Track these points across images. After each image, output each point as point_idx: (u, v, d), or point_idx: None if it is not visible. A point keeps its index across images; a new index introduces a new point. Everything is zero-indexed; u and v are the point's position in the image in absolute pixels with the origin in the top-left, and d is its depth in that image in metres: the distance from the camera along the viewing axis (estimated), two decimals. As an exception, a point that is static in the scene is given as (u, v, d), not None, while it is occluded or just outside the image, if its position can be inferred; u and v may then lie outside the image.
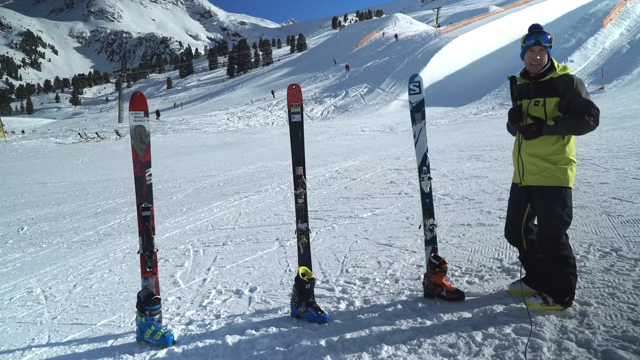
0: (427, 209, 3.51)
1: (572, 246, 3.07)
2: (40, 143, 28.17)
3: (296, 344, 2.80)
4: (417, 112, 3.55)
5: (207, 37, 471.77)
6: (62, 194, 10.60)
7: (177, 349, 2.87)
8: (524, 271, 3.20)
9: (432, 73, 41.42)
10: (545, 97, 2.86)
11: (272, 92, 53.15)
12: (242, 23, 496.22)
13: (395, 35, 65.11)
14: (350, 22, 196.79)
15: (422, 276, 3.52)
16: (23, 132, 45.65)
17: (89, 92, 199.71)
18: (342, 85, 48.55)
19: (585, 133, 2.82)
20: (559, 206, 2.85)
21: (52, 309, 3.78)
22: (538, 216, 2.99)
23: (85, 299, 3.96)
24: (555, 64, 2.92)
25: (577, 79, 2.86)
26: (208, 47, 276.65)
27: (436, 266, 3.28)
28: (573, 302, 2.94)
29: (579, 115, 2.76)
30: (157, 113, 48.64)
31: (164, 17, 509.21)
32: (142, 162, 3.12)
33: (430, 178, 3.51)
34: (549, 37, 2.88)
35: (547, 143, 2.87)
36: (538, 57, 2.89)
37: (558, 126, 2.80)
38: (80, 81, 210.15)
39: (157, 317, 2.99)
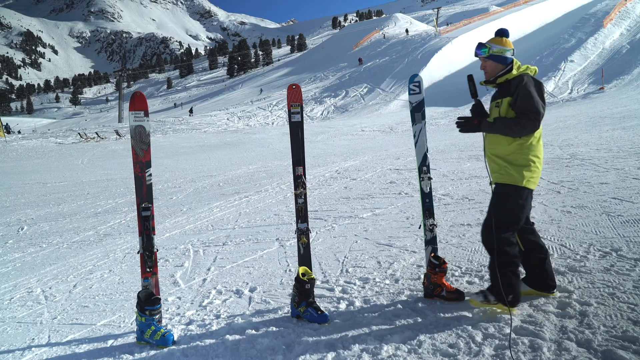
0: (427, 209, 3.51)
1: (551, 247, 3.11)
2: (40, 143, 28.16)
3: (296, 344, 2.80)
4: (417, 112, 3.56)
5: (207, 37, 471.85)
6: (62, 194, 10.60)
7: (177, 349, 2.87)
8: (523, 271, 3.19)
9: (432, 73, 41.41)
10: (502, 98, 2.93)
11: (261, 90, 55.96)
12: (242, 23, 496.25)
13: (406, 30, 66.20)
14: (350, 22, 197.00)
15: (422, 276, 3.52)
16: (19, 132, 45.19)
17: (89, 92, 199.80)
18: (342, 85, 48.55)
19: (523, 135, 2.84)
20: (506, 201, 2.90)
21: (52, 309, 3.79)
22: (488, 208, 3.03)
23: (85, 299, 3.96)
24: (515, 66, 2.95)
25: (528, 79, 2.87)
26: (208, 47, 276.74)
27: (436, 266, 3.29)
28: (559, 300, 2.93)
29: (516, 117, 2.82)
30: (190, 110, 50.42)
31: (164, 17, 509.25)
32: (142, 162, 3.12)
33: (430, 178, 3.51)
34: (485, 48, 2.98)
35: (504, 143, 2.91)
36: (483, 67, 3.05)
37: (495, 124, 2.89)
38: (80, 81, 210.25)
39: (157, 317, 2.99)
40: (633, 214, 4.70)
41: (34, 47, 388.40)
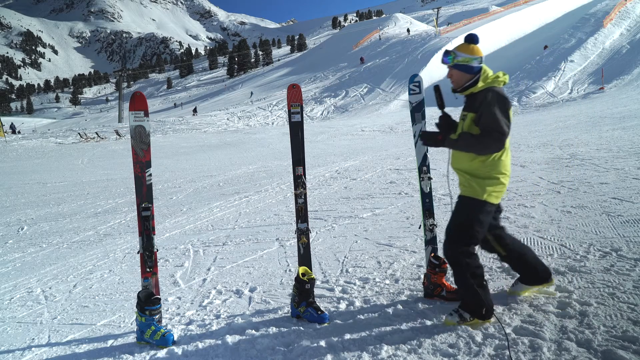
0: (427, 209, 3.51)
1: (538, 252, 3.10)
2: (40, 143, 28.15)
3: (296, 344, 2.80)
4: (417, 112, 3.56)
5: (207, 37, 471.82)
6: (62, 194, 10.59)
7: (177, 349, 2.87)
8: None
9: (432, 73, 41.29)
10: (468, 112, 2.82)
11: (251, 93, 57.55)
12: (242, 23, 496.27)
13: (408, 30, 66.60)
14: (350, 22, 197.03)
15: (422, 276, 3.52)
16: (19, 132, 44.72)
17: (89, 92, 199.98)
18: (342, 85, 48.54)
19: (485, 154, 2.75)
20: (467, 214, 2.82)
21: (52, 309, 3.79)
22: (449, 221, 2.96)
23: (85, 299, 3.96)
24: (482, 77, 2.80)
25: (493, 94, 2.72)
26: (208, 47, 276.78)
27: (436, 266, 3.29)
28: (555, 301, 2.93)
29: (481, 135, 2.72)
30: (195, 110, 51.42)
31: (164, 17, 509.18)
32: (142, 162, 3.12)
33: (430, 178, 3.52)
34: (450, 56, 2.83)
35: (467, 159, 2.83)
36: (450, 76, 2.89)
37: (458, 141, 2.79)
38: (80, 81, 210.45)
39: (157, 317, 2.99)
40: (633, 214, 4.70)
41: (34, 47, 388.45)
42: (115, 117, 68.76)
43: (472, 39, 2.86)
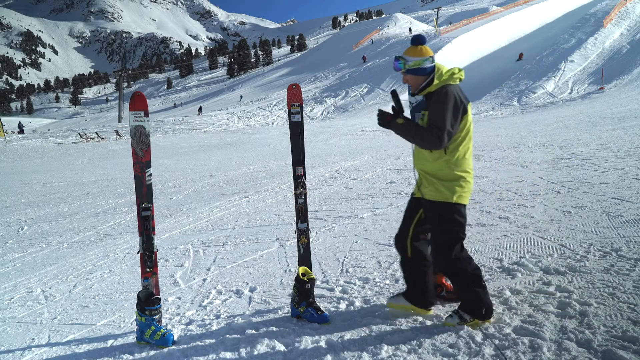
0: (427, 209, 3.50)
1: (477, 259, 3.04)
2: (40, 143, 28.15)
3: (296, 344, 2.80)
4: (417, 112, 3.54)
5: (207, 37, 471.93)
6: (62, 194, 10.60)
7: (177, 349, 2.87)
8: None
9: (432, 73, 41.33)
10: (425, 111, 2.82)
11: (241, 97, 58.70)
12: (242, 23, 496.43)
13: (409, 30, 67.40)
14: (350, 22, 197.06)
15: (422, 276, 3.52)
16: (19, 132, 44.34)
17: (89, 92, 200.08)
18: (342, 85, 48.57)
19: (424, 148, 2.77)
20: (443, 220, 2.79)
21: (52, 309, 3.79)
22: (430, 230, 2.93)
23: (85, 299, 3.96)
24: (437, 75, 2.77)
25: (445, 92, 2.70)
26: (208, 47, 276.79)
27: (436, 266, 3.28)
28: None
29: (424, 129, 2.72)
30: (200, 109, 51.83)
31: (164, 17, 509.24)
32: (142, 162, 3.12)
33: (430, 178, 3.51)
34: (400, 62, 2.80)
35: (430, 159, 2.81)
36: (405, 80, 2.88)
37: (403, 127, 2.80)
38: (80, 81, 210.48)
39: (157, 317, 2.99)
40: (633, 214, 4.70)
41: (34, 47, 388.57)
42: (115, 117, 68.78)
43: (418, 40, 2.82)
